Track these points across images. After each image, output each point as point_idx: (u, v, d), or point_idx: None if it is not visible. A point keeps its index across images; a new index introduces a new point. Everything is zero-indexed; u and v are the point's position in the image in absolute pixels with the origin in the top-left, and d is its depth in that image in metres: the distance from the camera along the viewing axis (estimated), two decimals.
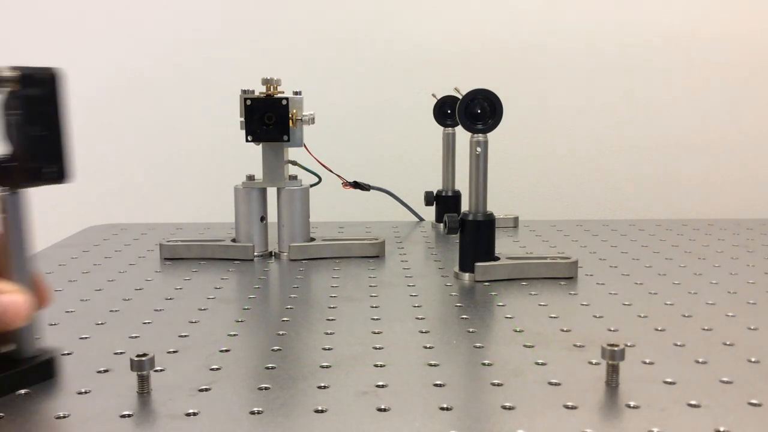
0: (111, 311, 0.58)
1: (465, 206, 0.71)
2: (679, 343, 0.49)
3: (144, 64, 1.18)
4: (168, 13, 1.19)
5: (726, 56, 1.20)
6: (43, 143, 0.40)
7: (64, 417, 0.38)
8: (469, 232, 0.67)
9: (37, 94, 0.39)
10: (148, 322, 0.55)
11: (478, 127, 0.66)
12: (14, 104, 0.39)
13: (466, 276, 0.68)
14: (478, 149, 0.66)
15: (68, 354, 0.48)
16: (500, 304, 0.60)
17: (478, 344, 0.50)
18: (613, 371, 0.42)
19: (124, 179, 1.20)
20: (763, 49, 1.20)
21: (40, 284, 0.43)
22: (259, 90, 0.75)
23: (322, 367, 0.45)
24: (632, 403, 0.39)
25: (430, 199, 0.96)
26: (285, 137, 0.75)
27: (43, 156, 0.40)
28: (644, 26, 1.20)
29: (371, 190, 0.89)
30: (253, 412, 0.38)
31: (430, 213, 1.00)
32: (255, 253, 0.77)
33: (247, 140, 0.74)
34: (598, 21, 1.19)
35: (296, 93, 0.75)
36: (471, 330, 0.53)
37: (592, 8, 1.19)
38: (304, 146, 0.76)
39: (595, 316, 0.56)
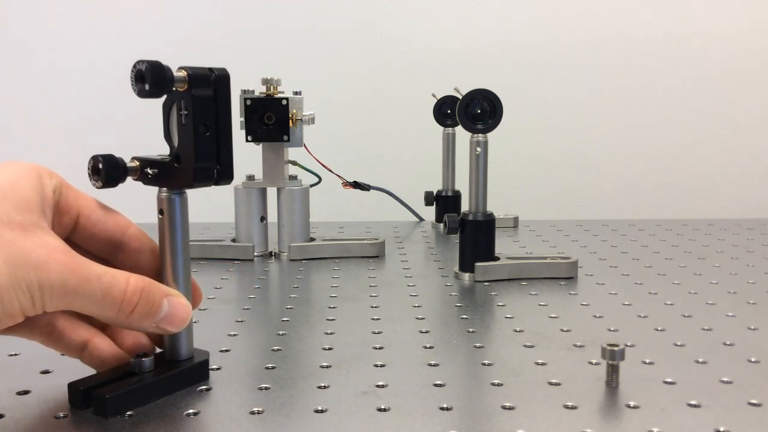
0: None
1: (465, 206, 0.71)
2: (679, 343, 0.49)
3: None
4: (167, 14, 1.19)
5: (726, 56, 1.20)
6: (208, 144, 0.39)
7: (63, 417, 0.38)
8: (469, 232, 0.67)
9: (204, 95, 0.38)
10: None
11: (478, 127, 0.66)
12: (180, 104, 0.38)
13: (466, 276, 0.68)
14: (478, 149, 0.66)
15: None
16: (500, 304, 0.60)
17: (478, 344, 0.50)
18: (613, 371, 0.42)
19: None
20: (763, 50, 1.20)
21: (194, 286, 0.42)
22: (259, 90, 0.75)
23: (322, 367, 0.45)
24: (632, 403, 0.39)
25: (430, 199, 0.96)
26: (285, 137, 0.75)
27: (206, 157, 0.39)
28: (644, 27, 1.20)
29: (371, 190, 0.89)
30: (253, 412, 0.38)
31: (430, 213, 1.00)
32: (255, 253, 0.77)
33: (247, 140, 0.74)
34: (597, 22, 1.20)
35: (296, 93, 0.75)
36: (471, 330, 0.53)
37: (592, 9, 1.19)
38: (304, 146, 0.76)
39: (595, 316, 0.56)
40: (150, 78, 0.36)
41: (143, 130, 1.17)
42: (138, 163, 0.40)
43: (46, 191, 0.36)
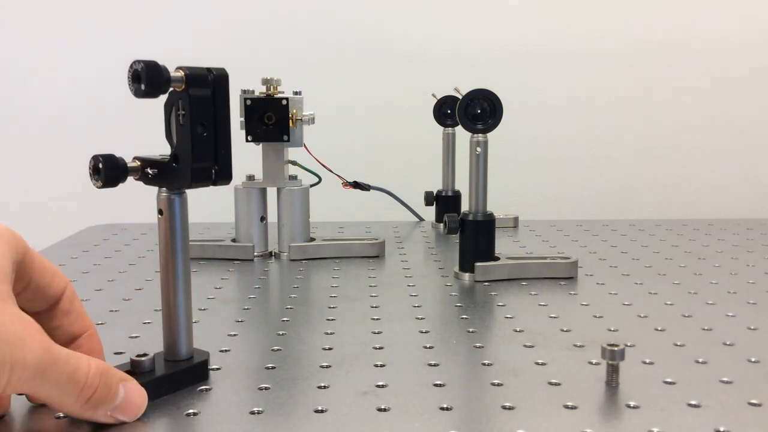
0: (111, 311, 0.58)
1: (465, 206, 0.71)
2: (679, 343, 0.49)
3: None
4: (167, 14, 1.19)
5: (726, 57, 1.20)
6: (205, 144, 0.39)
7: (63, 417, 0.38)
8: (469, 232, 0.67)
9: (202, 95, 0.38)
10: (148, 322, 0.55)
11: (478, 127, 0.66)
12: (179, 104, 0.38)
13: (466, 276, 0.68)
14: (478, 149, 0.66)
15: None
16: (500, 304, 0.60)
17: (478, 344, 0.50)
18: (613, 371, 0.42)
19: None
20: (763, 51, 1.20)
21: (96, 343, 0.41)
22: (259, 90, 0.75)
23: (322, 367, 0.45)
24: (632, 403, 0.39)
25: (430, 199, 0.96)
26: (285, 137, 0.75)
27: (204, 157, 0.39)
28: (644, 28, 1.20)
29: (371, 190, 0.89)
30: (253, 412, 0.38)
31: (430, 213, 1.00)
32: (255, 253, 0.77)
33: (247, 140, 0.74)
34: (597, 22, 1.19)
35: (296, 93, 0.75)
36: (471, 330, 0.53)
37: (592, 9, 1.19)
38: (304, 146, 0.76)
39: (595, 316, 0.56)
40: (146, 78, 0.36)
41: (155, 130, 1.18)
42: (139, 163, 0.40)
43: (15, 259, 0.35)
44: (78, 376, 0.33)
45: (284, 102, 0.74)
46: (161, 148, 0.41)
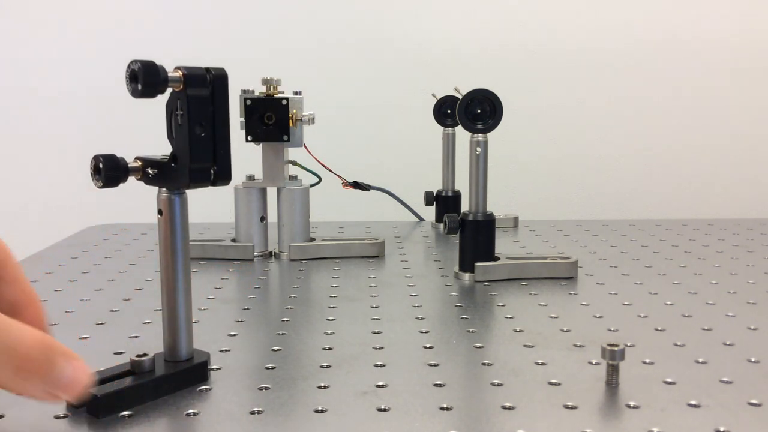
0: (111, 311, 0.58)
1: (465, 206, 0.71)
2: (679, 343, 0.49)
3: None
4: (167, 14, 1.19)
5: (726, 57, 1.20)
6: (204, 144, 0.39)
7: (63, 417, 0.38)
8: (469, 232, 0.67)
9: (200, 95, 0.38)
10: (148, 322, 0.55)
11: (478, 127, 0.66)
12: (177, 104, 0.38)
13: (466, 276, 0.68)
14: (478, 149, 0.66)
15: None
16: (500, 304, 0.60)
17: (478, 344, 0.50)
18: (613, 371, 0.42)
19: None
20: (763, 51, 1.20)
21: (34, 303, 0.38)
22: (259, 90, 0.75)
23: (322, 367, 0.45)
24: (632, 403, 0.39)
25: (430, 199, 0.96)
26: (285, 137, 0.75)
27: (202, 157, 0.39)
28: (644, 28, 1.20)
29: (371, 190, 0.89)
30: (253, 412, 0.38)
31: (430, 213, 1.00)
32: (255, 253, 0.77)
33: (247, 140, 0.74)
34: (597, 22, 1.19)
35: (296, 93, 0.75)
36: (471, 330, 0.53)
37: (592, 9, 1.19)
38: (304, 146, 0.76)
39: (595, 316, 0.56)
40: (142, 78, 0.36)
41: (157, 130, 1.17)
42: (140, 163, 0.40)
43: None
44: (15, 344, 0.30)
45: (284, 102, 0.74)
46: (164, 148, 0.41)
